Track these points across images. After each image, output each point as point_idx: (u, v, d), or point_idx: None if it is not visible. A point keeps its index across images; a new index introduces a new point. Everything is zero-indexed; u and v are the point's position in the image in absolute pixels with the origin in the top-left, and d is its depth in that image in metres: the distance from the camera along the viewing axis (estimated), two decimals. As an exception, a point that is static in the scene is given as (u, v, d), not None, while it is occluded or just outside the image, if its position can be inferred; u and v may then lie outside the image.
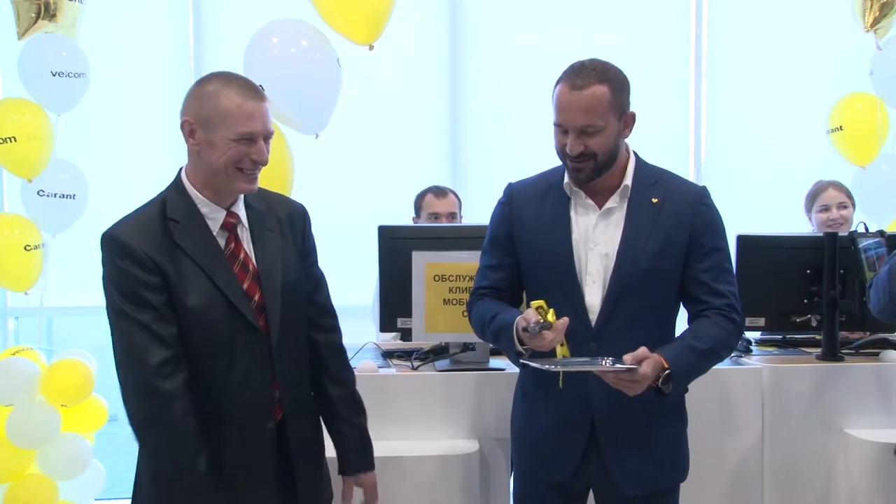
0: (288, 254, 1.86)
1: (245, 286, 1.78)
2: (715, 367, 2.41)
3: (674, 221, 1.93)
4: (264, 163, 1.77)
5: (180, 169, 1.84)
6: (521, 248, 2.00)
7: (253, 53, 3.26)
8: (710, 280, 1.93)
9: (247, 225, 1.84)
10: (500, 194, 2.10)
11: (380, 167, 4.17)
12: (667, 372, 1.80)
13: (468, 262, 2.36)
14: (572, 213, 1.96)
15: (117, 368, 1.75)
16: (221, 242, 1.79)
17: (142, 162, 4.10)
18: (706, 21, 4.36)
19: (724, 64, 4.38)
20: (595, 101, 1.85)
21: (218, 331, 1.74)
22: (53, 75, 3.44)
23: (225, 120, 1.72)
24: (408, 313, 2.43)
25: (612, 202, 1.95)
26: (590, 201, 1.96)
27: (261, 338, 1.79)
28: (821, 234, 2.71)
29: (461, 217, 3.36)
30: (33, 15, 3.52)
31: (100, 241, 1.75)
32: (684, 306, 2.01)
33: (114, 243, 1.72)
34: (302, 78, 3.22)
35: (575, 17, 4.29)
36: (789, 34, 4.37)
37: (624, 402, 1.83)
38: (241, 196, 1.83)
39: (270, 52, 3.24)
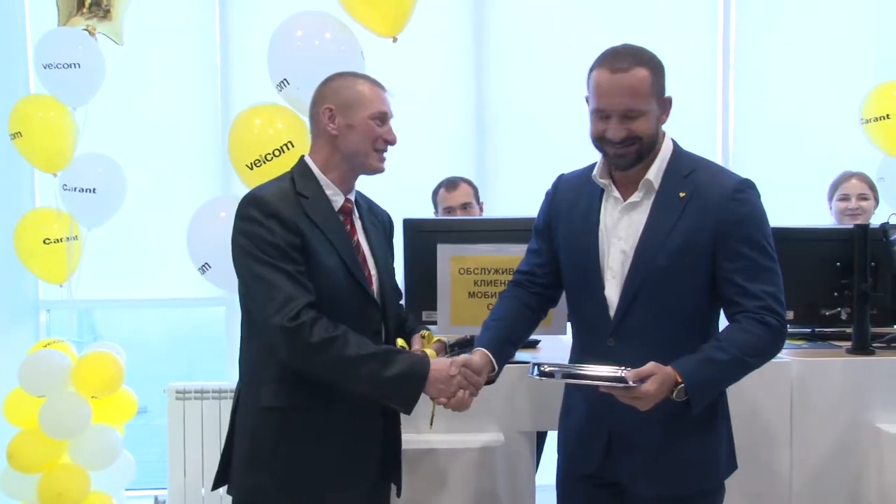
0: (386, 248, 2.11)
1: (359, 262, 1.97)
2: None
3: (697, 218, 1.85)
4: (394, 141, 2.00)
5: (302, 156, 2.01)
6: (556, 238, 2.01)
7: (277, 46, 3.27)
8: (742, 280, 1.84)
9: (357, 215, 2.03)
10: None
11: (404, 160, 4.16)
12: (680, 386, 1.76)
13: (493, 255, 2.36)
14: (603, 206, 1.94)
15: (261, 314, 1.83)
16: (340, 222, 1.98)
17: (172, 156, 4.13)
18: (734, 11, 4.30)
19: (751, 55, 4.31)
20: (638, 84, 1.82)
21: (341, 298, 1.90)
22: (45, 68, 3.48)
23: (363, 103, 1.94)
24: (433, 306, 2.43)
25: (635, 196, 1.91)
26: (617, 194, 1.93)
27: (376, 307, 1.98)
28: (850, 227, 2.67)
29: (481, 203, 3.35)
30: (72, 8, 3.57)
31: (242, 202, 1.89)
32: (723, 308, 1.93)
33: (260, 203, 1.86)
34: (326, 70, 3.17)
35: (601, 7, 4.24)
36: (818, 24, 4.30)
37: None
38: (355, 188, 2.04)
39: (294, 44, 3.25)
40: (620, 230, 1.91)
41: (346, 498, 1.95)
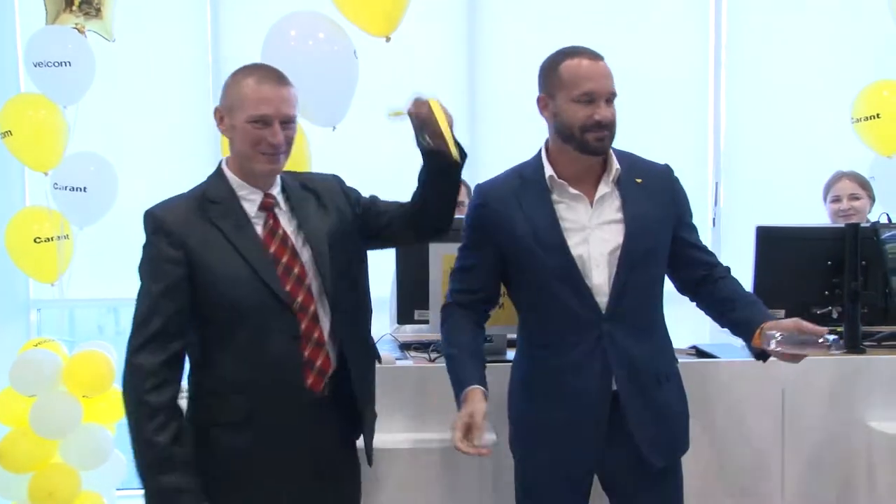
0: (331, 218, 1.94)
1: (284, 260, 1.86)
2: (734, 359, 2.43)
3: (660, 199, 2.00)
4: (280, 145, 1.84)
5: (220, 160, 1.95)
6: (508, 246, 2.00)
7: (271, 46, 3.27)
8: (703, 246, 2.09)
9: (284, 206, 1.92)
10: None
11: (397, 159, 4.16)
12: None
13: (485, 254, 2.34)
14: (558, 205, 1.98)
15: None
16: (260, 221, 1.88)
17: (164, 154, 4.11)
18: (726, 11, 4.31)
19: (743, 54, 4.32)
20: (611, 71, 1.96)
21: (245, 303, 1.81)
22: (35, 66, 3.47)
23: (242, 104, 1.83)
24: (425, 305, 2.44)
25: (605, 187, 1.98)
26: (575, 190, 1.98)
27: (287, 309, 1.83)
28: (842, 226, 2.69)
29: None
30: (60, 7, 3.55)
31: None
32: (682, 276, 2.08)
33: (149, 218, 1.87)
34: (319, 70, 3.23)
35: (594, 7, 4.25)
36: (810, 23, 4.31)
37: (639, 370, 1.92)
38: (278, 179, 1.92)
39: (288, 44, 3.25)
40: (596, 221, 1.96)
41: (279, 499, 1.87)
